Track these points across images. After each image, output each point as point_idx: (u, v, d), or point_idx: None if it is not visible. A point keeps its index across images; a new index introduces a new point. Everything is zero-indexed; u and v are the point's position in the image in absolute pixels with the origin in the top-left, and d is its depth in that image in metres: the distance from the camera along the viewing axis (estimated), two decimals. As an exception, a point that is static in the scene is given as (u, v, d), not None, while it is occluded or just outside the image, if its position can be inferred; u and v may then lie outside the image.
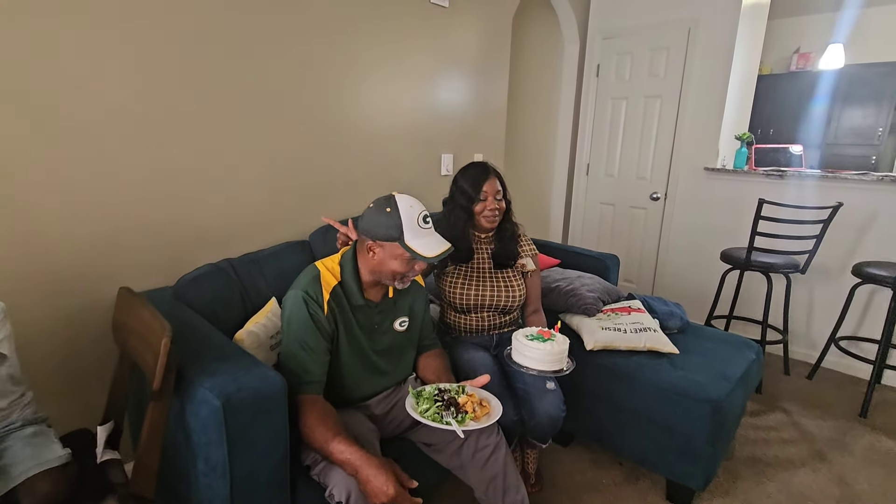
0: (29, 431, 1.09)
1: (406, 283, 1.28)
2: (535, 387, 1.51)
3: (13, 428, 1.09)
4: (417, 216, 1.20)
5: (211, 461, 1.03)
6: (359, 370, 1.34)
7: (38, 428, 1.11)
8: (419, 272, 1.28)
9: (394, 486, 1.04)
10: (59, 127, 1.33)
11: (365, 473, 1.05)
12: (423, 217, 1.22)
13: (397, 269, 1.22)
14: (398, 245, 1.19)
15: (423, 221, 1.21)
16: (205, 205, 1.68)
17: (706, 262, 3.03)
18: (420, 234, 1.20)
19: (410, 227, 1.19)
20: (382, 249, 1.22)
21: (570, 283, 2.07)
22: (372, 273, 1.27)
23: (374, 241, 1.22)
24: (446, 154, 2.57)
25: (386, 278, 1.26)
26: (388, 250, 1.21)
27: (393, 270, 1.23)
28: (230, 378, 1.04)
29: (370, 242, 1.23)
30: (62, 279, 1.40)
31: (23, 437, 1.07)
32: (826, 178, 2.61)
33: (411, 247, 1.18)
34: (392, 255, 1.21)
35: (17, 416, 1.11)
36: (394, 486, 1.03)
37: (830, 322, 2.58)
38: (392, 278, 1.25)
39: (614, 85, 3.38)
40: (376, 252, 1.23)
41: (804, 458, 1.96)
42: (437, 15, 2.34)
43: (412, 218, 1.20)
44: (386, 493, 1.03)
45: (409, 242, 1.18)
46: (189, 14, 1.53)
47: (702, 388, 1.59)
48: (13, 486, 0.97)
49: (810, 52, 4.60)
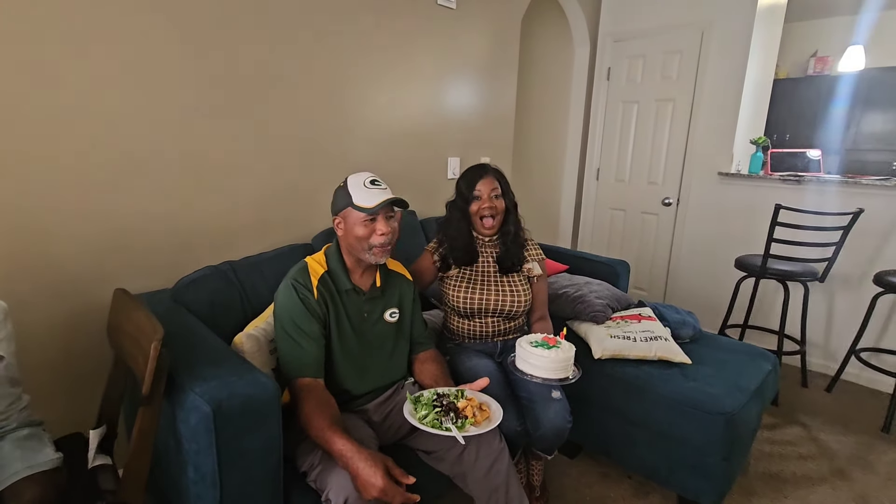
0: (23, 434, 1.07)
1: (378, 254, 1.28)
2: (540, 396, 1.46)
3: (8, 429, 1.07)
4: (364, 180, 1.28)
5: (201, 469, 1.00)
6: (351, 363, 1.33)
7: (32, 430, 1.09)
8: (385, 239, 1.27)
9: (383, 478, 1.01)
10: (60, 129, 1.32)
11: (355, 465, 1.03)
12: (369, 180, 1.28)
13: (360, 234, 1.26)
14: (350, 209, 1.26)
15: (369, 183, 1.28)
16: (206, 207, 1.66)
17: (720, 270, 2.95)
18: (366, 193, 1.26)
19: (357, 189, 1.27)
20: (344, 220, 1.29)
21: (578, 290, 2.02)
22: (349, 250, 1.32)
23: (337, 214, 1.31)
24: (453, 157, 2.54)
25: (357, 251, 1.29)
26: (347, 218, 1.28)
27: (357, 237, 1.26)
28: (222, 384, 1.01)
29: (336, 219, 1.31)
30: (61, 281, 1.39)
31: (15, 439, 1.05)
32: (846, 184, 2.52)
33: (357, 203, 1.24)
34: (351, 222, 1.27)
35: (15, 418, 1.09)
36: (382, 479, 1.01)
37: (851, 332, 2.48)
38: (361, 248, 1.28)
39: (625, 88, 3.33)
40: (342, 225, 1.30)
41: (824, 475, 1.88)
42: (444, 17, 2.32)
43: (359, 182, 1.28)
44: (374, 486, 1.00)
45: (357, 201, 1.25)
46: (196, 19, 1.52)
47: (715, 400, 1.52)
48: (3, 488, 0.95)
49: (828, 56, 4.50)
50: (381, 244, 1.27)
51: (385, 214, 1.27)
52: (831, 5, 4.23)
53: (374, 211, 1.24)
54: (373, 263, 1.32)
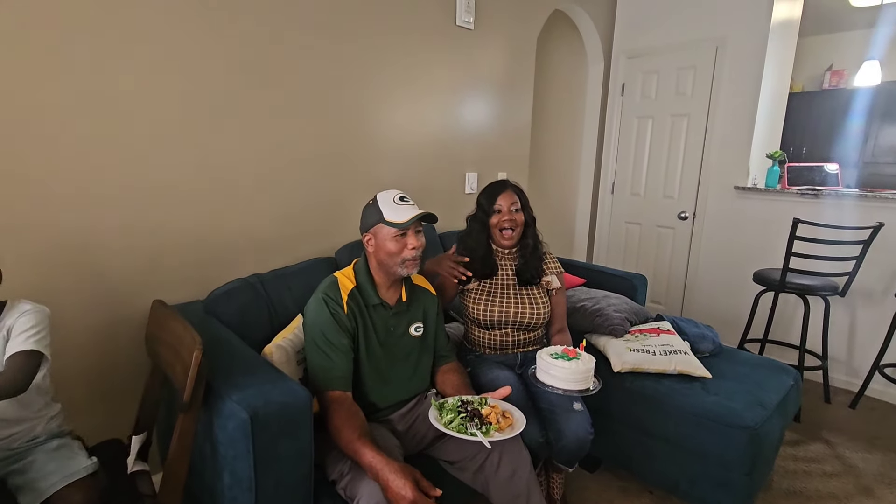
0: (53, 445, 1.10)
1: (409, 267, 1.33)
2: (562, 407, 1.48)
3: (38, 442, 1.11)
4: (393, 196, 1.33)
5: (237, 475, 1.04)
6: (377, 376, 1.36)
7: (62, 441, 1.13)
8: (415, 252, 1.32)
9: (412, 490, 1.03)
10: (106, 152, 1.40)
11: (385, 477, 1.05)
12: (398, 197, 1.33)
13: (391, 250, 1.30)
14: (381, 225, 1.30)
15: (398, 199, 1.32)
16: (235, 222, 1.73)
17: (738, 284, 2.94)
18: (396, 209, 1.31)
19: (387, 206, 1.31)
20: (374, 236, 1.33)
21: (596, 303, 2.03)
22: (379, 266, 1.36)
23: (367, 231, 1.35)
24: (471, 173, 2.59)
25: (390, 265, 1.33)
26: (378, 234, 1.32)
27: (388, 252, 1.31)
28: (258, 392, 1.06)
29: (366, 235, 1.35)
30: (101, 291, 1.46)
31: (47, 450, 1.09)
32: (865, 198, 2.51)
33: (389, 220, 1.29)
34: (382, 237, 1.31)
35: (42, 430, 1.13)
36: (412, 491, 1.03)
37: (874, 348, 2.45)
38: (393, 263, 1.32)
39: (640, 104, 3.37)
40: (372, 241, 1.34)
41: (849, 492, 1.85)
42: (463, 36, 2.39)
43: (388, 199, 1.32)
44: (405, 498, 1.02)
45: (388, 217, 1.29)
46: (224, 39, 1.60)
47: (737, 415, 1.52)
48: (43, 499, 0.99)
49: (843, 70, 4.50)
50: (412, 257, 1.32)
51: (415, 229, 1.32)
52: (845, 20, 4.24)
53: (405, 226, 1.28)
54: (404, 276, 1.36)
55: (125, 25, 1.39)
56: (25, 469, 1.05)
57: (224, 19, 1.59)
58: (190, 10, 1.51)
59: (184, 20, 1.50)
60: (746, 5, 2.82)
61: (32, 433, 1.11)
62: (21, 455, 1.08)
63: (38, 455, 1.08)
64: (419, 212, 1.31)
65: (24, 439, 1.10)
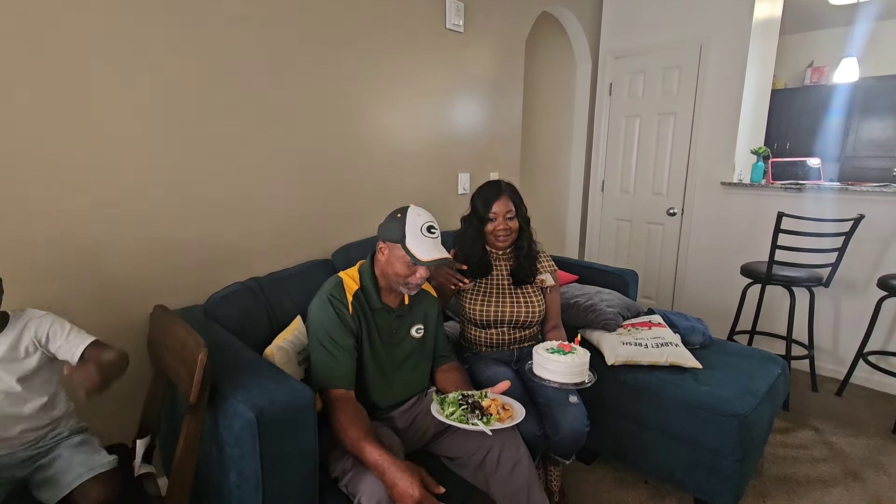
0: (76, 440, 1.14)
1: (411, 289, 1.35)
2: (558, 401, 1.52)
3: (62, 437, 1.14)
4: (422, 225, 1.30)
5: (244, 474, 1.06)
6: (380, 376, 1.38)
7: (84, 437, 1.17)
8: (421, 280, 1.33)
9: (419, 488, 1.06)
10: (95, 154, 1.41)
11: (391, 476, 1.08)
12: (427, 227, 1.30)
13: (399, 272, 1.31)
14: (400, 246, 1.29)
15: (426, 231, 1.30)
16: (233, 225, 1.74)
17: (726, 278, 3.01)
18: (421, 240, 1.28)
19: (413, 233, 1.29)
20: (389, 250, 1.33)
21: (589, 299, 2.08)
22: (383, 275, 1.37)
23: (384, 241, 1.34)
24: (463, 173, 2.63)
25: (393, 281, 1.34)
26: (393, 251, 1.31)
27: (396, 272, 1.31)
28: (262, 392, 1.08)
29: (381, 243, 1.35)
30: (99, 299, 1.46)
31: (71, 445, 1.12)
32: (846, 191, 2.59)
33: (409, 249, 1.27)
34: (395, 256, 1.31)
35: (65, 426, 1.17)
36: (419, 489, 1.06)
37: (858, 336, 2.52)
38: (397, 281, 1.33)
39: (627, 103, 3.43)
40: (385, 252, 1.34)
41: (837, 477, 1.91)
42: (453, 39, 2.43)
43: (417, 225, 1.29)
44: (412, 496, 1.05)
45: (409, 245, 1.27)
46: (220, 43, 1.62)
47: (727, 404, 1.57)
48: (67, 492, 1.01)
49: (824, 66, 4.61)
50: (416, 284, 1.33)
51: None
52: (824, 17, 4.35)
53: (423, 265, 1.28)
54: (404, 293, 1.38)
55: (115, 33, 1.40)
56: (51, 463, 1.09)
57: (221, 25, 1.60)
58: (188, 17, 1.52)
59: (180, 25, 1.51)
60: (729, 5, 2.89)
61: (58, 429, 1.15)
62: (48, 451, 1.12)
63: (62, 450, 1.11)
64: (442, 256, 1.30)
65: (51, 436, 1.13)
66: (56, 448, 1.11)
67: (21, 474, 1.09)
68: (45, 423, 1.12)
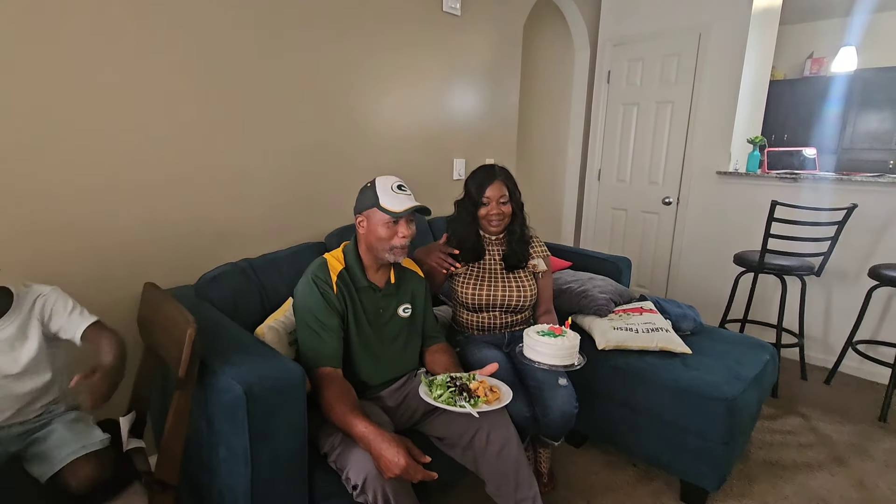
0: (71, 416, 1.15)
1: (397, 254, 1.35)
2: (548, 383, 1.53)
3: (57, 413, 1.15)
4: (392, 184, 1.34)
5: (233, 448, 1.07)
6: (367, 355, 1.39)
7: (79, 413, 1.18)
8: (405, 241, 1.34)
9: (405, 457, 1.08)
10: (87, 135, 1.41)
11: (378, 447, 1.09)
12: (397, 185, 1.35)
13: (382, 235, 1.33)
14: (376, 209, 1.32)
15: (396, 188, 1.34)
16: (225, 207, 1.74)
17: (720, 267, 3.02)
18: (393, 196, 1.32)
19: (385, 192, 1.33)
20: (367, 219, 1.35)
21: (581, 285, 2.08)
22: (368, 249, 1.38)
23: (361, 213, 1.36)
24: (458, 159, 2.62)
25: (378, 250, 1.36)
26: (370, 219, 1.34)
27: (378, 237, 1.33)
28: (252, 368, 1.09)
29: (359, 217, 1.37)
30: (92, 278, 1.46)
31: (66, 421, 1.13)
32: (840, 181, 2.59)
33: (385, 206, 1.30)
34: (374, 222, 1.33)
35: (61, 402, 1.18)
36: (405, 458, 1.07)
37: (848, 325, 2.54)
38: (382, 248, 1.34)
39: (625, 91, 3.41)
40: (364, 224, 1.36)
41: (822, 461, 1.94)
42: (450, 23, 2.40)
43: (387, 185, 1.34)
44: (398, 465, 1.06)
45: (384, 203, 1.31)
46: (215, 26, 1.60)
47: (715, 387, 1.59)
48: (59, 468, 1.02)
49: (824, 58, 4.59)
50: (401, 245, 1.34)
51: (407, 219, 1.34)
52: (825, 8, 4.32)
53: (399, 215, 1.31)
54: (391, 262, 1.39)
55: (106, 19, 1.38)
56: (46, 437, 1.09)
57: (213, 9, 1.58)
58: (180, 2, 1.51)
59: (169, 8, 1.49)
60: (728, -8, 2.87)
61: (55, 404, 1.16)
62: (43, 425, 1.13)
63: (57, 425, 1.12)
64: (415, 203, 1.33)
65: (47, 411, 1.15)
66: (51, 423, 1.12)
67: (14, 449, 1.10)
68: (43, 402, 1.13)
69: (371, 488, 1.11)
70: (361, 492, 1.12)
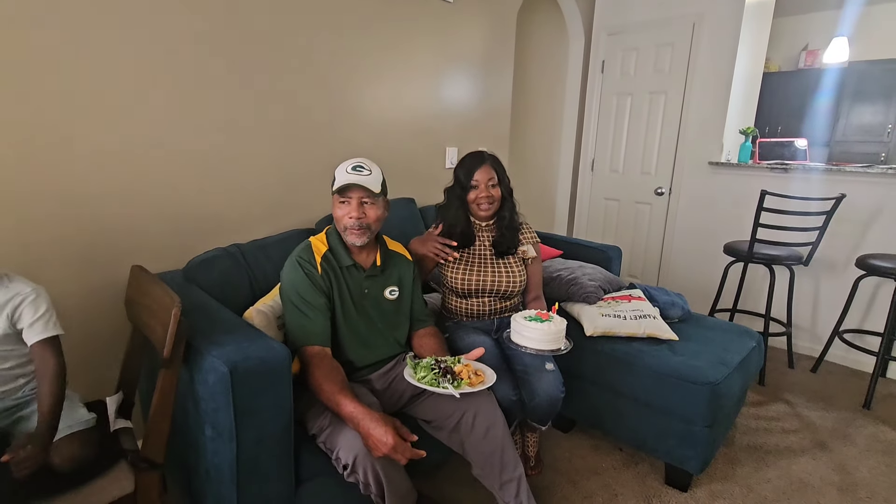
0: None
1: (352, 236, 1.35)
2: (535, 367, 1.54)
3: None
4: (348, 165, 1.35)
5: (218, 427, 1.08)
6: (354, 335, 1.40)
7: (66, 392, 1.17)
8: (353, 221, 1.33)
9: (393, 436, 1.09)
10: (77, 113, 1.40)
11: (366, 426, 1.11)
12: (352, 166, 1.35)
13: (336, 215, 1.36)
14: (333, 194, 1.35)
15: (351, 168, 1.35)
16: (215, 192, 1.73)
17: (711, 257, 3.04)
18: (344, 176, 1.33)
19: (340, 173, 1.35)
20: (333, 205, 1.38)
21: (571, 273, 2.10)
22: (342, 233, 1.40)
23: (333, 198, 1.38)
24: (451, 147, 2.61)
25: (341, 231, 1.39)
26: (333, 203, 1.37)
27: (335, 217, 1.37)
28: (237, 348, 1.09)
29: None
30: (80, 260, 1.46)
31: None
32: (830, 172, 2.61)
33: (333, 186, 1.34)
34: (333, 203, 1.37)
35: None
36: (393, 437, 1.09)
37: (835, 315, 2.57)
38: (340, 228, 1.38)
39: (619, 81, 3.41)
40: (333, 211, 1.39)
41: (805, 446, 1.97)
42: (442, 10, 2.39)
43: (344, 167, 1.36)
44: (386, 444, 1.08)
45: (335, 184, 1.34)
46: (204, 9, 1.59)
47: (700, 372, 1.61)
48: None
49: (818, 50, 4.59)
50: (351, 226, 1.34)
51: (359, 199, 1.33)
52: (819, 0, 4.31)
53: (338, 192, 1.33)
54: (353, 243, 1.37)
55: None
56: (31, 416, 1.09)
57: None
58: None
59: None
60: (722, -19, 2.86)
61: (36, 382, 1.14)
62: (27, 403, 1.13)
63: None
64: (355, 181, 1.32)
65: (31, 387, 1.14)
66: (35, 401, 1.11)
67: (1, 425, 1.10)
68: (23, 380, 1.13)
69: (361, 467, 1.12)
70: (352, 471, 1.14)
